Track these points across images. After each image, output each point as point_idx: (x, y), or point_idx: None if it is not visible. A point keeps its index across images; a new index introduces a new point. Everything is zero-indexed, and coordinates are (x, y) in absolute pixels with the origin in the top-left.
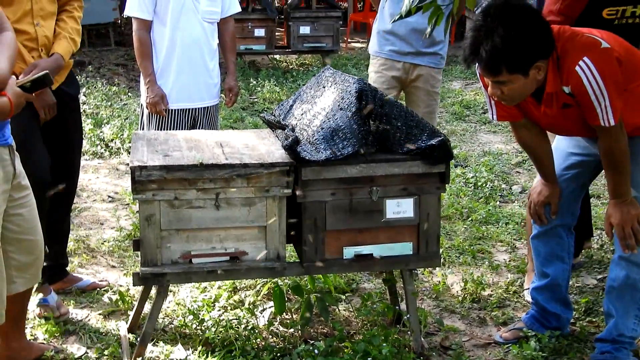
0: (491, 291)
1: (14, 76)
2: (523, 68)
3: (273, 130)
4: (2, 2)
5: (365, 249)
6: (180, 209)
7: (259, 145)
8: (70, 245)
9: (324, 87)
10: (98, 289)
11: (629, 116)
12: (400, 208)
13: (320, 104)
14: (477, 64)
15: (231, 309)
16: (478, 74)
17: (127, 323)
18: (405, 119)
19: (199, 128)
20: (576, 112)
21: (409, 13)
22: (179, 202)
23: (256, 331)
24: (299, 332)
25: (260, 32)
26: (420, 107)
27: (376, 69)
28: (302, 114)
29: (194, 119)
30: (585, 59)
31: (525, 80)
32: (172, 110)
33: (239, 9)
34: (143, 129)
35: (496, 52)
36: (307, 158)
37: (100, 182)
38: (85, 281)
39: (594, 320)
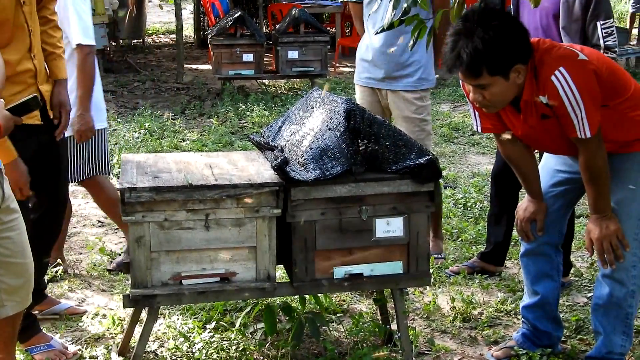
0: (482, 310)
1: (2, 100)
2: (504, 69)
3: (262, 152)
4: (1, 42)
5: (355, 269)
6: (170, 230)
7: (248, 166)
8: (60, 269)
9: (313, 108)
10: (77, 314)
11: (611, 133)
12: (389, 227)
13: (309, 125)
14: (458, 69)
15: (222, 331)
16: (461, 83)
17: (117, 346)
18: (394, 138)
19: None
20: (555, 124)
21: (391, 26)
22: (168, 224)
23: (247, 352)
24: (291, 352)
25: (248, 57)
26: None
27: (359, 97)
28: (291, 135)
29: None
30: (561, 69)
31: (506, 83)
32: None
33: (79, 41)
34: None
35: (477, 54)
36: (296, 178)
37: (90, 207)
38: (64, 305)
39: (584, 338)
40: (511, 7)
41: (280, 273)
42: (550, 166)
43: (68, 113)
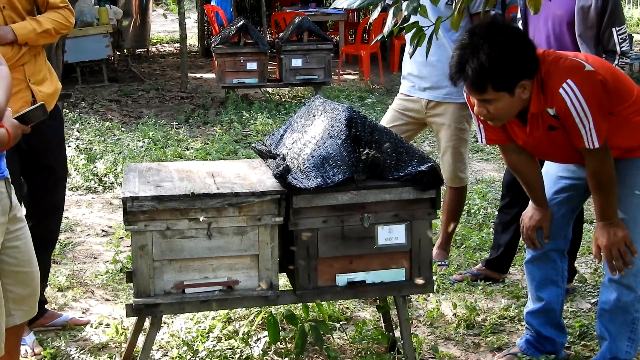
0: (485, 317)
1: (9, 109)
2: (509, 86)
3: (264, 160)
4: None
5: (358, 276)
6: (173, 239)
7: (251, 175)
8: (64, 279)
9: (314, 116)
10: (80, 325)
11: (616, 139)
12: (392, 234)
13: (311, 133)
14: (463, 83)
15: (225, 339)
16: (465, 97)
17: (121, 356)
18: (395, 145)
19: None
20: (562, 135)
21: (391, 34)
22: (171, 232)
23: None
24: None
25: (252, 65)
26: (442, 141)
27: (397, 97)
28: (293, 143)
29: None
30: (568, 81)
31: (511, 98)
32: None
33: None
34: None
35: (482, 70)
36: (298, 186)
37: (94, 217)
38: (65, 317)
39: (588, 344)
40: (518, 14)
41: (283, 281)
42: (552, 173)
43: None
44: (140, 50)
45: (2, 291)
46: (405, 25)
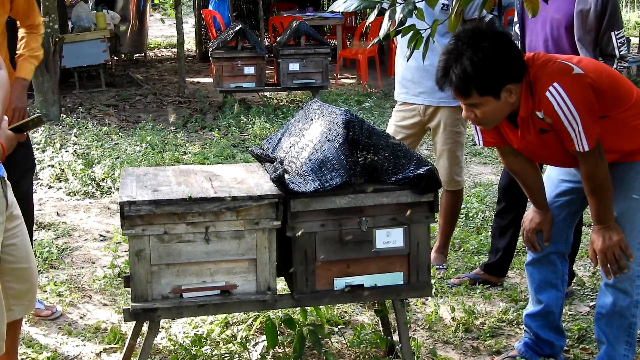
0: (484, 320)
1: (5, 117)
2: (494, 90)
3: (262, 164)
4: None
5: (355, 280)
6: (170, 243)
7: (248, 179)
8: (62, 284)
9: (312, 120)
10: (39, 317)
11: (614, 142)
12: (390, 238)
13: (308, 136)
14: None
15: (223, 344)
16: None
17: None
18: (393, 149)
19: None
20: (554, 138)
21: (387, 37)
22: (168, 237)
23: None
24: None
25: (250, 69)
26: (438, 145)
27: (395, 110)
28: (291, 147)
29: None
30: (555, 84)
31: (497, 102)
32: None
33: None
34: None
35: (465, 75)
36: (295, 190)
37: (92, 222)
38: (38, 305)
39: (587, 347)
40: (515, 17)
41: (281, 285)
42: (554, 176)
43: (21, 111)
44: (137, 55)
45: (1, 290)
46: (402, 28)
